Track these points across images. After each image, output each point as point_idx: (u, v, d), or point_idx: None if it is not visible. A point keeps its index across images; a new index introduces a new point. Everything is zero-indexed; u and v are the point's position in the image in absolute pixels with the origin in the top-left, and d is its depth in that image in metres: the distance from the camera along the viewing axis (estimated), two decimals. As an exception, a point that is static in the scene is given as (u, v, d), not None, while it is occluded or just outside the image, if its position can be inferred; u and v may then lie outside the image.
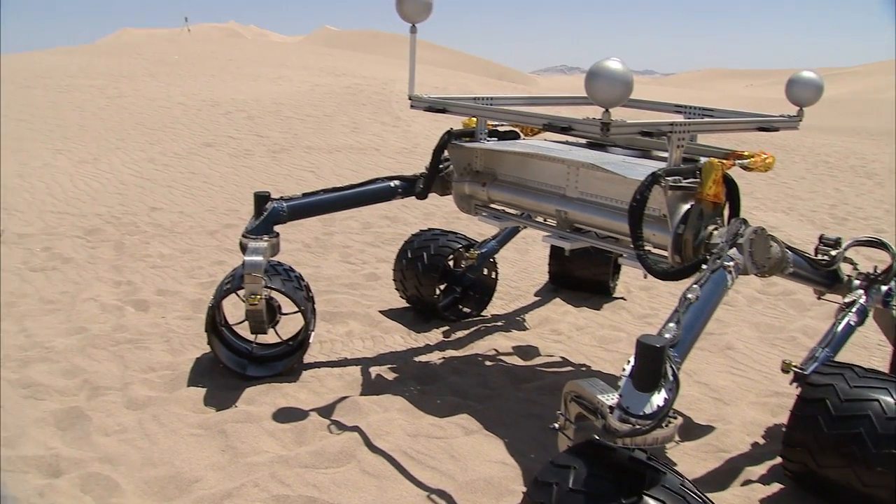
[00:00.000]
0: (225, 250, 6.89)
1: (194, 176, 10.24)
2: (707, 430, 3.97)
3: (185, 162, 11.12)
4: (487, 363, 4.66)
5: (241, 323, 4.41)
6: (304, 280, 4.59)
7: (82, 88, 18.30)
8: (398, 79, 19.53)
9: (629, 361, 2.36)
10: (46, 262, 6.52)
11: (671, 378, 2.34)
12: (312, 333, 4.42)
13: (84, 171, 10.45)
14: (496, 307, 5.56)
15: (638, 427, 2.24)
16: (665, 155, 3.74)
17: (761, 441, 3.88)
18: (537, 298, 5.85)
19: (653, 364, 2.29)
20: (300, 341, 4.44)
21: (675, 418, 2.32)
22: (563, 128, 3.24)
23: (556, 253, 5.82)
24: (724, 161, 3.22)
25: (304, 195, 4.50)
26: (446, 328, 5.16)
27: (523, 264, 6.62)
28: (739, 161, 3.33)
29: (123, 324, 5.13)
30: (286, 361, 4.45)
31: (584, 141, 4.27)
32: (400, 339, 4.99)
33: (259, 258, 4.04)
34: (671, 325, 2.61)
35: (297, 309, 4.32)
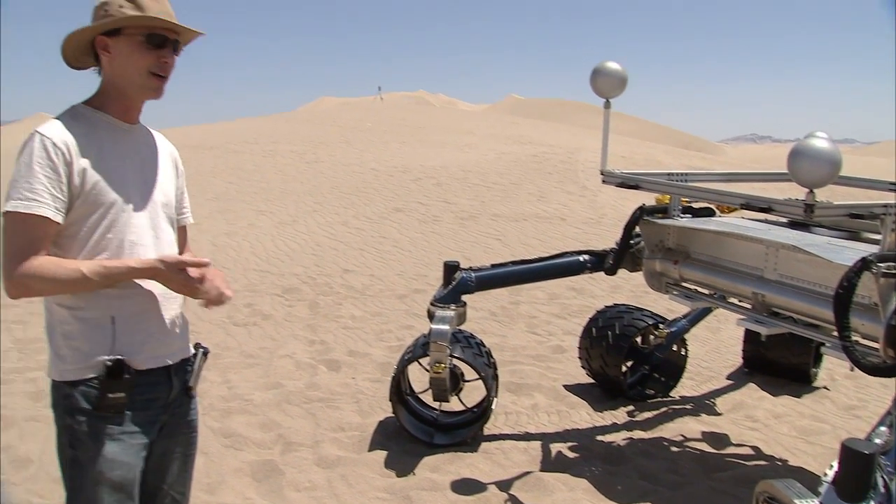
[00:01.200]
0: (413, 315, 7.09)
1: (385, 240, 10.67)
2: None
3: (376, 226, 11.61)
4: (676, 448, 4.49)
5: (425, 391, 4.51)
6: (484, 346, 4.63)
7: (284, 153, 19.60)
8: (584, 147, 19.55)
9: (832, 466, 2.17)
10: (248, 317, 6.98)
11: (882, 489, 2.12)
12: (495, 401, 4.44)
13: (284, 232, 11.16)
14: (685, 388, 5.36)
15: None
16: (877, 237, 3.52)
17: None
18: (730, 382, 5.58)
19: (860, 472, 2.06)
20: (483, 409, 4.47)
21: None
22: (762, 208, 3.14)
23: (751, 335, 5.54)
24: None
25: (493, 266, 4.57)
26: (632, 407, 5.03)
27: (715, 343, 6.37)
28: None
29: (316, 382, 5.38)
30: (471, 429, 4.49)
31: (784, 220, 4.10)
32: (586, 415, 4.91)
33: (445, 327, 4.13)
34: (882, 428, 2.40)
35: (478, 376, 4.36)
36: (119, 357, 2.01)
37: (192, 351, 2.28)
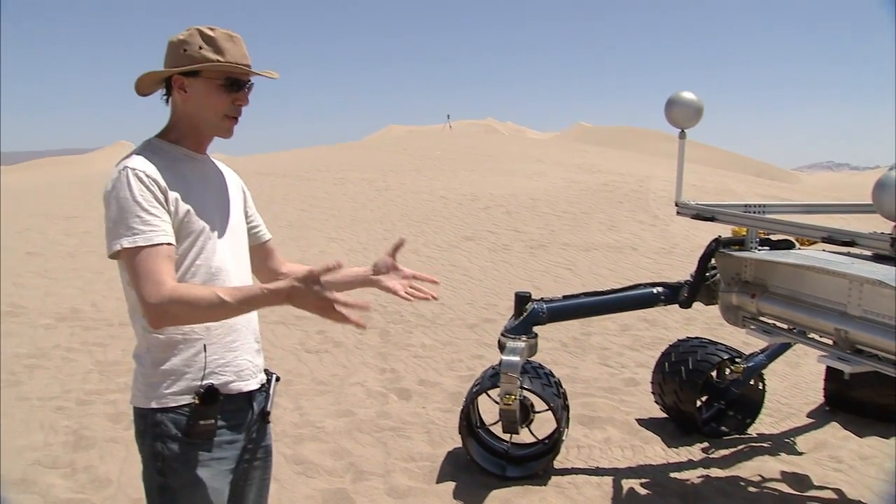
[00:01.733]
0: (484, 345, 7.07)
1: (455, 268, 10.69)
2: None
3: (446, 254, 11.65)
4: (754, 488, 4.35)
5: (495, 423, 4.48)
6: (554, 376, 4.58)
7: (354, 181, 19.86)
8: (654, 176, 19.34)
9: None
10: (320, 344, 7.07)
11: None
12: (566, 432, 4.38)
13: (355, 259, 11.28)
14: (764, 425, 5.20)
15: None
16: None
17: None
18: (811, 420, 5.38)
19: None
20: (555, 441, 4.42)
21: None
22: (845, 242, 3.06)
23: (833, 372, 5.33)
24: None
25: (565, 297, 4.54)
26: (708, 444, 4.90)
27: (794, 379, 6.17)
28: None
29: (387, 411, 5.40)
30: (542, 462, 4.44)
31: (868, 253, 3.97)
32: (660, 450, 4.81)
33: (516, 358, 4.11)
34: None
35: (547, 406, 4.31)
36: (211, 383, 2.07)
37: (266, 376, 2.32)
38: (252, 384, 2.20)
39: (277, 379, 2.37)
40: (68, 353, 6.81)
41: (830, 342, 3.79)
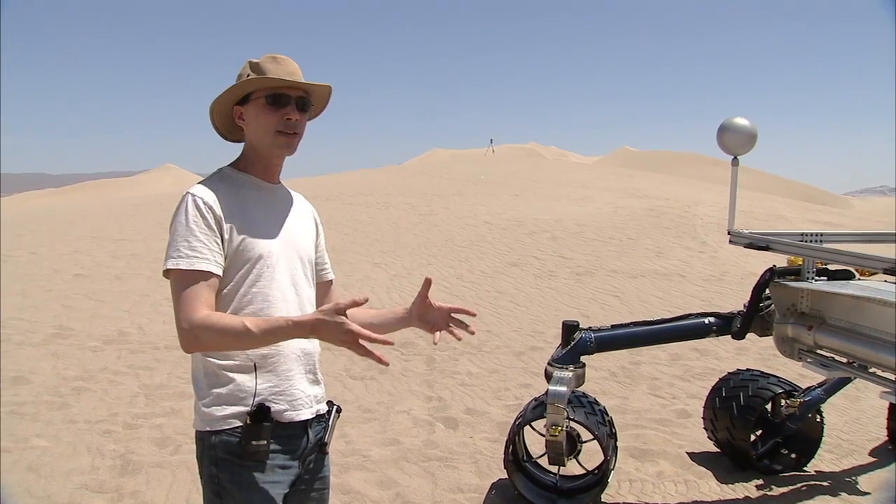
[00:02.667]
0: (531, 373, 6.98)
1: (501, 295, 10.61)
2: None
3: (491, 280, 11.58)
4: (814, 528, 4.20)
5: (543, 455, 4.39)
6: (599, 405, 4.47)
7: (398, 205, 19.93)
8: (702, 201, 19.10)
9: None
10: (365, 370, 7.02)
11: None
12: (613, 461, 4.25)
13: (399, 284, 11.27)
14: (824, 462, 5.01)
15: None
16: None
17: None
18: (873, 459, 5.15)
19: None
20: (603, 472, 4.29)
21: None
22: None
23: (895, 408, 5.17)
24: None
25: (613, 327, 4.45)
26: (764, 481, 4.73)
27: (855, 413, 5.95)
28: None
29: (434, 440, 5.34)
30: (592, 493, 4.33)
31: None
32: (715, 486, 4.66)
33: (563, 388, 4.02)
34: None
35: (592, 436, 4.20)
36: (261, 403, 2.08)
37: (326, 407, 2.32)
38: (305, 414, 2.19)
39: (339, 411, 2.36)
40: (115, 376, 6.87)
41: (892, 377, 3.65)
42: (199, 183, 2.13)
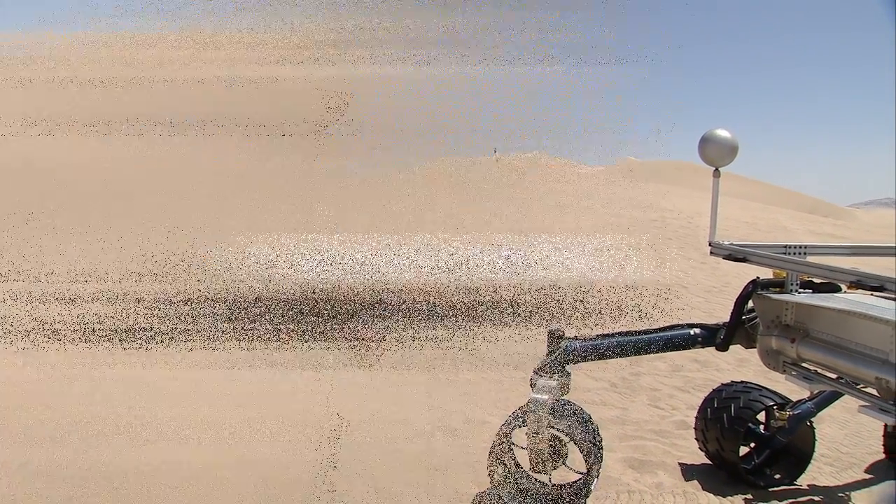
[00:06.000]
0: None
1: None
2: None
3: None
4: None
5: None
6: (584, 412, 4.40)
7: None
8: (704, 212, 18.95)
9: None
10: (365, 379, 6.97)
11: None
12: (596, 468, 4.14)
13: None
14: (824, 475, 4.99)
15: None
16: None
17: None
18: (870, 476, 5.10)
19: None
20: (585, 480, 4.16)
21: None
22: (874, 287, 2.94)
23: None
24: None
25: (599, 336, 4.43)
26: (763, 494, 4.71)
27: (854, 426, 5.92)
28: None
29: (433, 448, 5.30)
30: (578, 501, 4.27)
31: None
32: (714, 498, 4.66)
33: (545, 396, 4.00)
34: None
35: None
36: None
37: None
38: None
39: None
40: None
41: (874, 392, 3.63)
42: None
